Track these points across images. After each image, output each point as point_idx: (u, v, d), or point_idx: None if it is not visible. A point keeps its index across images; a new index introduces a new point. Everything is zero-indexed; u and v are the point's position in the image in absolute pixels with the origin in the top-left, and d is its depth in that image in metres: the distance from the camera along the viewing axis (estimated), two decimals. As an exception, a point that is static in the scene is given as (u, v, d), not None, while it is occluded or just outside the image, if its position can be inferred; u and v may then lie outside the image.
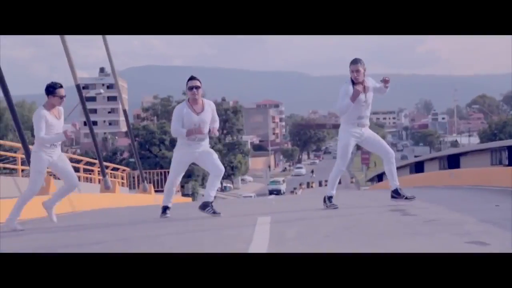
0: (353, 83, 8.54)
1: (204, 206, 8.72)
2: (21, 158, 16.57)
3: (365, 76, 8.60)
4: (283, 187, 72.83)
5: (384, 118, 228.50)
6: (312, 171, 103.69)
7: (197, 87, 8.69)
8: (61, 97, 8.78)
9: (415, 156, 59.96)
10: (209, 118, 8.84)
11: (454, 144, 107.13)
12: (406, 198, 8.67)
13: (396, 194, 8.72)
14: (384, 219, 7.33)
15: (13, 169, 18.93)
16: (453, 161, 18.20)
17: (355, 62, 8.51)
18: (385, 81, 8.54)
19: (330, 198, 8.89)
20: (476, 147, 18.24)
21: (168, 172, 9.30)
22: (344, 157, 8.81)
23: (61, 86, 8.86)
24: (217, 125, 8.97)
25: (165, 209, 9.07)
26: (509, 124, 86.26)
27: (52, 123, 8.66)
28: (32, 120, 8.77)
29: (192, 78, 8.77)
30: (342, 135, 8.77)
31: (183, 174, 9.04)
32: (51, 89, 8.73)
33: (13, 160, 18.71)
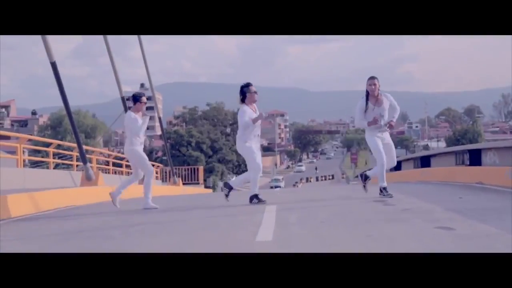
0: (367, 96, 8.32)
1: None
2: (76, 156, 16.57)
3: (379, 90, 8.33)
4: (282, 184, 72.93)
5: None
6: (316, 168, 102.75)
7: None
8: (145, 103, 8.94)
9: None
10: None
11: (426, 147, 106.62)
12: (389, 195, 8.48)
13: (384, 191, 8.52)
14: (369, 208, 7.29)
15: (69, 164, 18.98)
16: (425, 161, 18.09)
17: (372, 78, 8.33)
18: (390, 126, 8.40)
19: (385, 188, 8.45)
20: (443, 150, 18.12)
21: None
22: (380, 152, 8.36)
23: (144, 95, 9.05)
24: None
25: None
26: (469, 132, 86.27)
27: (140, 123, 8.76)
28: (124, 122, 8.80)
29: (250, 84, 8.44)
30: (370, 139, 8.44)
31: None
32: (138, 97, 8.85)
33: (70, 157, 18.76)
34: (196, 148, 69.24)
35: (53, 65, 10.51)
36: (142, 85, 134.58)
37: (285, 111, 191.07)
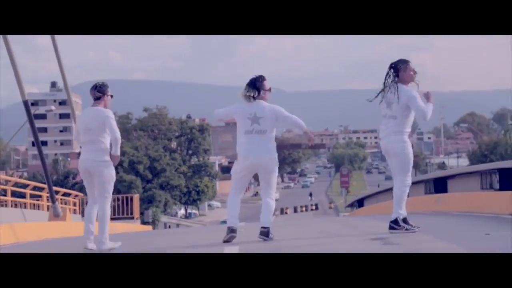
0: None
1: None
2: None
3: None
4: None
5: (365, 138, 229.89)
6: (311, 194, 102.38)
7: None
8: (112, 96, 8.82)
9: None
10: None
11: (441, 166, 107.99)
12: (414, 227, 8.56)
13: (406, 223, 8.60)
14: (363, 248, 7.32)
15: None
16: (440, 185, 18.28)
17: (408, 61, 8.56)
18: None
19: (405, 219, 8.63)
20: (465, 169, 18.35)
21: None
22: (410, 169, 8.62)
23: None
24: None
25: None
26: (500, 145, 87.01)
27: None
28: (102, 120, 8.57)
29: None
30: (409, 148, 8.60)
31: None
32: (105, 88, 8.76)
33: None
34: (129, 170, 68.89)
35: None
36: (53, 85, 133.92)
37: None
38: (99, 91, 8.74)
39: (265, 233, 8.54)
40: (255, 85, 8.54)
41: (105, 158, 8.62)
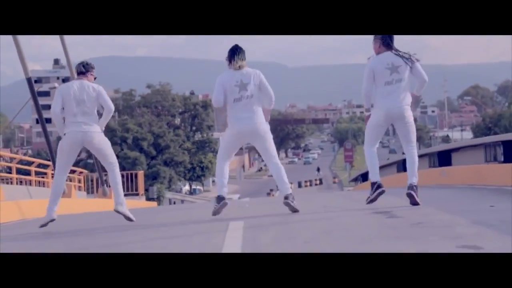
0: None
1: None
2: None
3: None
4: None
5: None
6: (318, 169, 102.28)
7: None
8: (95, 78, 9.22)
9: (403, 153, 60.00)
10: None
11: (445, 139, 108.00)
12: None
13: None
14: (369, 222, 7.35)
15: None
16: (444, 158, 18.32)
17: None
18: None
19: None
20: (469, 142, 18.38)
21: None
22: None
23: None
24: None
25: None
26: (504, 117, 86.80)
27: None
28: (96, 93, 8.95)
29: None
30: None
31: None
32: (90, 67, 9.06)
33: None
34: (133, 146, 68.95)
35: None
36: (56, 62, 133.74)
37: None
38: (84, 67, 9.03)
39: (287, 203, 8.57)
40: (243, 54, 8.65)
41: (99, 128, 9.00)
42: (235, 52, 8.63)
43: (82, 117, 8.85)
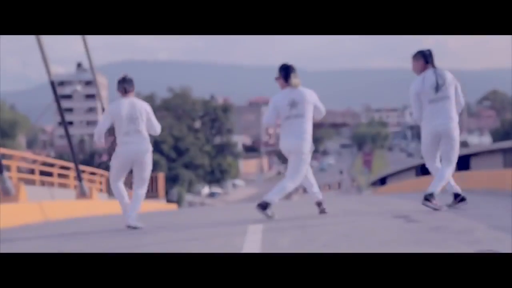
0: None
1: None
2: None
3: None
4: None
5: (388, 116, 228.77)
6: (341, 172, 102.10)
7: None
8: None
9: (421, 158, 59.74)
10: None
11: (464, 144, 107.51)
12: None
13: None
14: (387, 226, 7.33)
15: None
16: (462, 163, 18.22)
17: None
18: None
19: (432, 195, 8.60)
20: (488, 147, 18.25)
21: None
22: None
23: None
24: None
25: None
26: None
27: None
28: (146, 112, 9.02)
29: None
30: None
31: None
32: (132, 82, 9.10)
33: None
34: (154, 149, 69.19)
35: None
36: (79, 65, 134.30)
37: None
38: (131, 86, 9.05)
39: (262, 206, 8.56)
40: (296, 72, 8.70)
41: (150, 147, 9.16)
42: (290, 70, 8.66)
43: (134, 135, 8.91)
